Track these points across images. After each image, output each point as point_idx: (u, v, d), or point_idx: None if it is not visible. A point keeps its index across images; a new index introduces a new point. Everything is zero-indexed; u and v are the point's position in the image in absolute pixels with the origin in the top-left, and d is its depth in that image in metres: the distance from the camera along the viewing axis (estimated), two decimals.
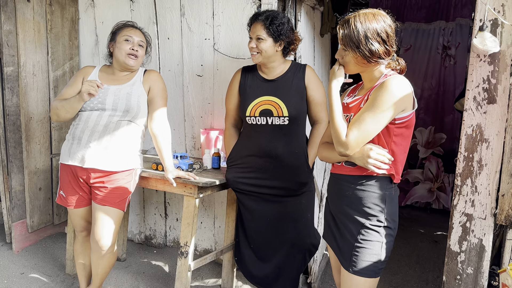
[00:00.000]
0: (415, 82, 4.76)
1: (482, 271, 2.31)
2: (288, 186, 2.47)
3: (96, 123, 2.37)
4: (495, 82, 2.18)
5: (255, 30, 2.36)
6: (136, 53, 2.43)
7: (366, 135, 1.61)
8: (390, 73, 1.70)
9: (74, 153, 2.39)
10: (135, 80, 2.49)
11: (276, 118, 2.39)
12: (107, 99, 2.38)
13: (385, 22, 1.64)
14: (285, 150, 2.43)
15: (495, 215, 2.25)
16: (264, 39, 2.34)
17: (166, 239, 3.63)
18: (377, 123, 1.59)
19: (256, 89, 2.47)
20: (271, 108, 2.40)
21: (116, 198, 2.42)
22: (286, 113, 2.37)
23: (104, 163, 2.38)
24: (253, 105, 2.44)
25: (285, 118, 2.38)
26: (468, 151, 2.28)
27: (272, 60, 2.43)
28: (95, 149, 2.37)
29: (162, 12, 3.28)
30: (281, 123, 2.40)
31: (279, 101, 2.39)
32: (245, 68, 2.60)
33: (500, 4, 2.13)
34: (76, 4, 3.67)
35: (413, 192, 4.95)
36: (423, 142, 4.87)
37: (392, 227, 1.76)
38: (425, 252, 3.75)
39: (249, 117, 2.45)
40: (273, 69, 2.46)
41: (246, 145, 2.54)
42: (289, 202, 2.50)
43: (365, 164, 1.64)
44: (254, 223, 2.59)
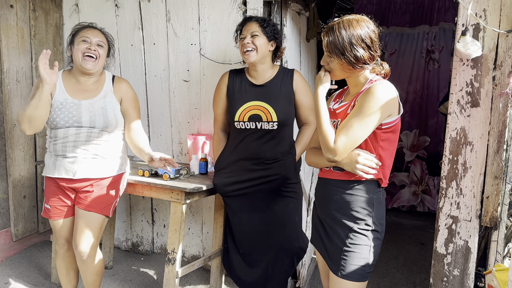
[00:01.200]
0: (400, 86, 4.80)
1: (468, 272, 2.34)
2: (275, 186, 2.48)
3: (77, 137, 2.32)
4: (478, 86, 2.21)
5: (250, 28, 2.38)
6: (93, 53, 2.27)
7: (354, 141, 1.62)
8: (375, 78, 1.71)
9: (60, 166, 2.33)
10: (106, 91, 2.40)
11: (265, 123, 2.40)
12: (82, 117, 2.30)
13: (368, 28, 1.66)
14: (272, 152, 2.44)
15: (480, 217, 2.28)
16: (258, 35, 2.36)
17: (153, 246, 3.60)
18: (365, 128, 1.61)
19: (244, 93, 2.47)
20: (260, 113, 2.40)
21: (102, 203, 2.39)
22: (275, 118, 2.38)
23: (94, 171, 2.36)
24: (241, 110, 2.43)
25: (274, 123, 2.39)
26: (452, 154, 2.30)
27: (264, 62, 2.43)
28: (83, 160, 2.33)
29: (148, 17, 3.26)
30: (270, 128, 2.41)
31: (268, 106, 2.39)
32: (232, 71, 2.59)
33: (481, 9, 2.17)
34: (60, 9, 3.64)
35: (400, 196, 4.97)
36: (409, 145, 4.91)
37: (379, 231, 1.77)
38: (412, 254, 3.78)
39: (238, 122, 2.45)
40: (262, 72, 2.46)
41: (234, 149, 2.53)
42: (277, 205, 2.50)
43: (354, 170, 1.65)
44: (242, 228, 2.58)
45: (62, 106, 2.29)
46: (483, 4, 2.16)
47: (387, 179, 1.77)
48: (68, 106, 2.29)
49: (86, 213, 2.35)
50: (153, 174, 2.66)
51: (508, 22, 2.11)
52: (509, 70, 2.12)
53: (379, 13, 4.84)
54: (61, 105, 2.29)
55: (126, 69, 3.40)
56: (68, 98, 2.31)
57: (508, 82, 2.12)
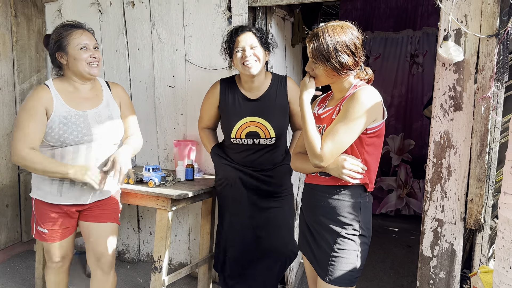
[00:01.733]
0: (385, 89, 4.84)
1: (454, 275, 2.35)
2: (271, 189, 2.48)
3: (87, 159, 2.14)
4: (460, 90, 2.24)
5: (248, 39, 2.27)
6: (96, 60, 2.15)
7: (340, 146, 1.63)
8: (359, 83, 1.73)
9: (68, 193, 2.16)
10: (107, 98, 2.28)
11: (263, 139, 2.39)
12: (92, 129, 2.14)
13: (353, 34, 1.66)
14: (269, 162, 2.46)
15: (464, 220, 2.30)
16: (258, 46, 2.29)
17: (139, 253, 3.56)
18: (350, 134, 1.62)
19: (239, 108, 2.40)
20: (258, 130, 2.37)
21: (115, 213, 2.33)
22: (273, 134, 2.38)
23: (103, 193, 2.26)
24: (238, 126, 2.38)
25: (273, 139, 2.40)
26: (436, 158, 2.33)
27: (261, 73, 2.35)
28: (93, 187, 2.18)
29: (132, 23, 3.24)
30: (268, 143, 2.42)
31: (265, 122, 2.36)
32: (223, 81, 2.50)
33: (463, 15, 2.20)
34: (43, 15, 3.60)
35: (387, 200, 4.95)
36: (395, 149, 4.93)
37: (366, 235, 1.78)
38: (399, 257, 3.80)
39: (235, 139, 2.41)
40: (258, 84, 2.38)
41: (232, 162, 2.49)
42: (272, 207, 2.48)
43: (340, 175, 1.66)
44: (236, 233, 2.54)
45: (67, 120, 2.09)
46: (464, 9, 2.19)
47: (373, 184, 1.78)
48: (73, 119, 2.10)
49: (103, 224, 2.26)
50: (138, 181, 2.64)
51: (489, 27, 2.14)
52: (490, 74, 2.15)
53: (363, 18, 4.88)
54: (65, 119, 2.09)
55: (110, 75, 3.37)
56: (72, 110, 2.12)
57: (489, 86, 2.15)
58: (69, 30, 2.13)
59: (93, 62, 2.14)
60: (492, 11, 2.13)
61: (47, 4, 3.60)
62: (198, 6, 2.99)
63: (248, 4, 2.78)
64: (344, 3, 4.88)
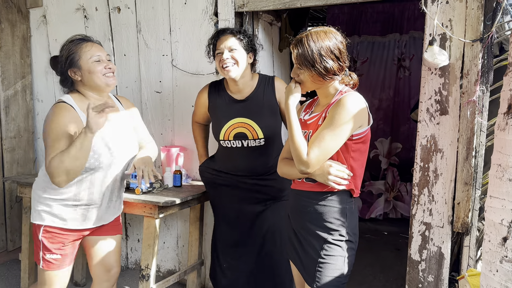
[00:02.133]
0: (373, 93, 4.86)
1: (442, 278, 2.36)
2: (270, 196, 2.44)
3: (114, 180, 2.10)
4: (446, 94, 2.25)
5: (227, 42, 2.25)
6: (111, 70, 2.05)
7: (327, 152, 1.63)
8: (344, 89, 1.73)
9: (91, 218, 2.08)
10: (122, 115, 2.18)
11: (251, 141, 2.33)
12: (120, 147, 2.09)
13: (336, 39, 1.67)
14: (263, 168, 2.40)
15: (452, 223, 2.31)
16: (237, 49, 2.25)
17: (127, 261, 3.52)
18: (336, 140, 1.62)
19: (227, 110, 2.37)
20: (245, 131, 2.32)
21: (119, 224, 2.29)
22: (261, 135, 2.31)
23: (117, 208, 2.23)
24: (226, 128, 2.35)
25: (261, 140, 2.33)
26: (423, 161, 2.34)
27: (244, 75, 2.31)
28: (115, 205, 2.18)
29: (118, 28, 3.22)
30: (257, 144, 2.34)
31: (252, 123, 2.31)
32: (211, 85, 2.49)
33: (447, 19, 2.22)
34: (27, 21, 3.56)
35: (377, 205, 4.90)
36: (385, 152, 4.92)
37: (353, 241, 1.77)
38: (388, 260, 3.81)
39: (223, 141, 2.37)
40: (243, 86, 2.35)
41: (223, 163, 2.48)
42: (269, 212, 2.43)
43: (326, 181, 1.66)
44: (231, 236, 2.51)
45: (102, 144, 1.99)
46: (449, 14, 2.21)
47: (359, 189, 1.78)
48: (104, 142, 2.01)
49: (111, 238, 2.22)
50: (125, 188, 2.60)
51: (473, 31, 2.16)
52: (475, 78, 2.17)
53: (350, 23, 4.91)
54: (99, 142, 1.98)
55: None
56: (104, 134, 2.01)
57: (474, 90, 2.17)
58: (78, 44, 2.03)
59: (109, 73, 2.03)
60: (476, 16, 2.15)
61: (31, 10, 3.56)
62: (184, 12, 2.98)
63: (235, 10, 2.78)
64: (331, 8, 4.90)
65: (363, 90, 4.92)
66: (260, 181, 2.42)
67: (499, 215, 1.33)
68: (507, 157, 1.30)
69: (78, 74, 2.01)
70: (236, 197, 2.46)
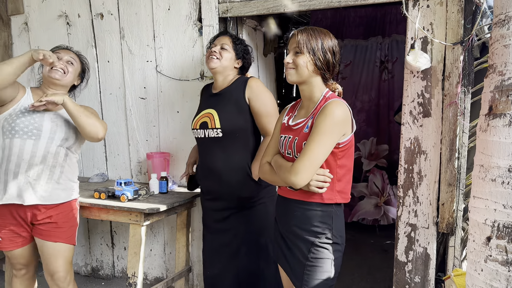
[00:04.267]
0: (356, 95, 4.89)
1: (429, 279, 2.38)
2: (231, 204, 2.38)
3: (33, 155, 2.17)
4: (428, 97, 2.28)
5: (222, 40, 2.39)
6: (61, 68, 2.24)
7: (316, 164, 1.65)
8: (328, 94, 1.75)
9: (9, 190, 2.16)
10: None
11: (210, 130, 2.34)
12: (43, 125, 2.19)
13: (334, 40, 1.78)
14: (224, 165, 2.33)
15: (437, 224, 2.34)
16: (227, 50, 2.37)
17: (114, 269, 3.48)
18: (324, 150, 1.64)
19: (203, 102, 2.49)
20: (207, 120, 2.36)
21: (67, 232, 2.28)
22: (218, 125, 2.30)
23: (47, 197, 2.21)
24: (197, 117, 2.43)
25: (218, 130, 2.31)
26: (408, 163, 2.36)
27: (225, 75, 2.40)
28: (35, 184, 2.18)
29: (101, 35, 3.19)
30: (215, 135, 2.32)
31: (214, 112, 2.34)
32: (205, 86, 2.60)
33: (428, 23, 2.25)
34: (8, 28, 3.51)
35: (359, 208, 4.81)
36: (366, 154, 4.91)
37: (340, 243, 1.78)
38: (376, 262, 3.83)
39: (194, 130, 2.45)
40: (222, 82, 2.41)
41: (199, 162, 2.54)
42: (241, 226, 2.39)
43: (308, 187, 1.67)
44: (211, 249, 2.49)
45: (26, 111, 2.19)
46: (430, 18, 2.24)
47: (348, 194, 1.79)
48: (31, 112, 2.19)
49: (54, 244, 2.23)
50: (110, 196, 2.58)
51: (454, 35, 2.20)
52: (456, 80, 2.20)
53: (334, 27, 4.95)
54: (25, 109, 2.19)
55: None
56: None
57: (456, 92, 2.20)
58: (57, 48, 2.34)
59: (57, 68, 2.23)
60: (456, 19, 2.19)
61: (13, 17, 3.51)
62: (168, 18, 2.97)
63: (219, 15, 2.78)
64: (314, 13, 4.94)
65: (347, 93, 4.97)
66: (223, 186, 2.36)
67: (482, 215, 1.35)
68: (489, 158, 1.33)
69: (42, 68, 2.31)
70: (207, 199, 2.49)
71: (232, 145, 2.33)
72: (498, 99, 1.31)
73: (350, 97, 4.85)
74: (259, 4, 2.66)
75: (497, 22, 1.34)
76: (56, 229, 2.24)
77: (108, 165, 3.34)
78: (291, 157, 1.75)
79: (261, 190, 2.39)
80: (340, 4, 2.43)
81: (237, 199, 2.37)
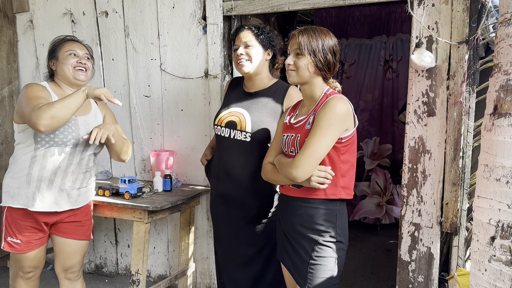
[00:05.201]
0: (361, 94, 4.89)
1: (432, 278, 2.38)
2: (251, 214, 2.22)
3: (69, 163, 2.13)
4: (433, 96, 2.28)
5: (243, 37, 2.18)
6: (84, 66, 2.21)
7: (318, 158, 1.65)
8: (329, 91, 1.76)
9: (43, 198, 2.11)
10: (95, 110, 2.31)
11: (237, 132, 2.18)
12: (80, 133, 2.14)
13: (335, 39, 1.78)
14: (242, 170, 2.18)
15: (441, 223, 2.33)
16: (253, 46, 2.16)
17: (117, 267, 3.49)
18: (325, 144, 1.64)
19: (233, 99, 2.29)
20: (236, 120, 2.19)
21: (87, 229, 2.31)
22: (248, 129, 2.15)
23: (79, 201, 2.23)
24: (223, 113, 2.26)
25: (247, 134, 2.15)
26: (412, 163, 2.35)
27: (260, 72, 2.21)
28: (70, 191, 2.17)
29: (106, 33, 3.20)
30: (242, 138, 2.16)
31: (245, 113, 2.19)
32: (235, 79, 2.43)
33: (434, 22, 2.24)
34: (14, 26, 3.52)
35: (361, 207, 4.81)
36: (369, 153, 4.90)
37: (343, 241, 1.78)
38: (379, 261, 3.83)
39: (216, 126, 2.27)
40: (258, 81, 2.24)
41: (215, 161, 2.36)
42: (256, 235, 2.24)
43: (309, 182, 1.67)
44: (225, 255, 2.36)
45: None
46: (435, 17, 2.23)
47: (352, 190, 1.79)
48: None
49: (75, 242, 2.25)
50: (114, 193, 2.59)
51: (459, 34, 2.19)
52: (461, 80, 2.19)
53: (338, 25, 4.94)
54: None
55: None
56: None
57: (461, 91, 2.19)
58: (63, 40, 2.27)
59: (79, 67, 2.20)
60: (462, 18, 2.18)
61: (18, 15, 3.52)
62: (173, 16, 2.97)
63: (223, 13, 2.78)
64: (319, 11, 4.94)
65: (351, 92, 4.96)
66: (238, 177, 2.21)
67: (487, 215, 1.34)
68: (494, 157, 1.32)
69: (54, 65, 2.23)
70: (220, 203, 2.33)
71: (257, 152, 2.16)
72: (503, 99, 1.30)
73: (354, 97, 4.85)
74: (264, 2, 2.66)
75: (502, 21, 1.33)
76: (79, 227, 2.26)
77: (112, 162, 3.35)
78: (293, 154, 1.75)
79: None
80: (345, 2, 2.43)
81: (255, 209, 2.22)
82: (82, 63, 2.21)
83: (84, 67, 2.23)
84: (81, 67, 2.21)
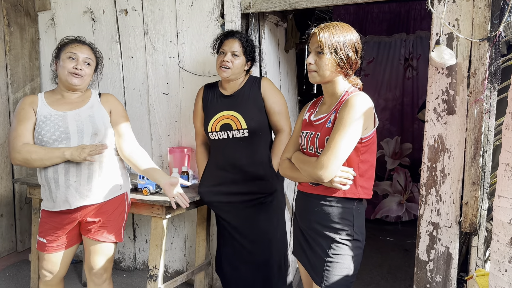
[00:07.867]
0: (379, 93, 4.85)
1: (450, 278, 2.35)
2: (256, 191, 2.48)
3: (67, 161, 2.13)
4: (453, 94, 2.24)
5: (232, 46, 2.42)
6: (79, 72, 2.17)
7: (342, 157, 1.63)
8: (351, 89, 1.74)
9: (56, 198, 2.14)
10: (93, 102, 2.27)
11: (236, 132, 2.44)
12: (69, 126, 2.14)
13: (356, 35, 1.74)
14: (249, 161, 2.46)
15: (460, 223, 2.30)
16: (238, 55, 2.42)
17: (135, 262, 3.54)
18: (349, 142, 1.63)
19: (215, 105, 2.52)
20: (230, 122, 2.44)
21: (113, 230, 2.27)
22: (244, 126, 2.42)
23: (91, 197, 2.18)
24: (213, 120, 2.48)
25: (245, 131, 2.42)
26: (431, 161, 2.33)
27: (237, 78, 2.49)
28: (78, 186, 2.14)
29: (125, 31, 3.24)
30: (241, 135, 2.44)
31: (237, 114, 2.43)
32: (207, 85, 2.64)
33: (454, 19, 2.21)
34: (36, 24, 3.59)
35: (382, 206, 4.83)
36: (390, 152, 4.88)
37: (360, 240, 1.78)
38: (396, 261, 3.79)
39: (211, 132, 2.49)
40: (234, 84, 2.51)
41: (214, 161, 2.56)
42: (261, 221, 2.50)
43: (332, 183, 1.67)
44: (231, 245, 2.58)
45: (46, 119, 2.14)
46: (456, 13, 2.20)
47: (371, 190, 1.78)
48: (52, 118, 2.14)
49: (93, 242, 2.25)
50: (132, 189, 2.62)
51: (480, 31, 2.15)
52: (482, 77, 2.16)
53: (356, 22, 4.90)
54: (45, 118, 2.14)
55: (104, 83, 3.36)
56: (52, 111, 2.17)
57: (482, 89, 2.16)
58: (69, 41, 2.26)
59: (75, 74, 2.18)
60: (483, 15, 2.14)
61: (40, 13, 3.60)
62: (191, 14, 2.99)
63: (241, 11, 2.79)
64: (337, 8, 4.90)
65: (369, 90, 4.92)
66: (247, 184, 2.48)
67: (507, 215, 1.32)
68: None
69: (56, 64, 2.25)
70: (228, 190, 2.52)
71: (256, 142, 2.48)
72: None
73: (372, 95, 4.80)
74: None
75: None
76: (100, 228, 2.23)
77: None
78: (312, 152, 1.75)
79: (278, 189, 2.56)
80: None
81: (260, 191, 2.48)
82: (78, 68, 2.17)
83: (79, 74, 2.18)
84: (76, 73, 2.18)
